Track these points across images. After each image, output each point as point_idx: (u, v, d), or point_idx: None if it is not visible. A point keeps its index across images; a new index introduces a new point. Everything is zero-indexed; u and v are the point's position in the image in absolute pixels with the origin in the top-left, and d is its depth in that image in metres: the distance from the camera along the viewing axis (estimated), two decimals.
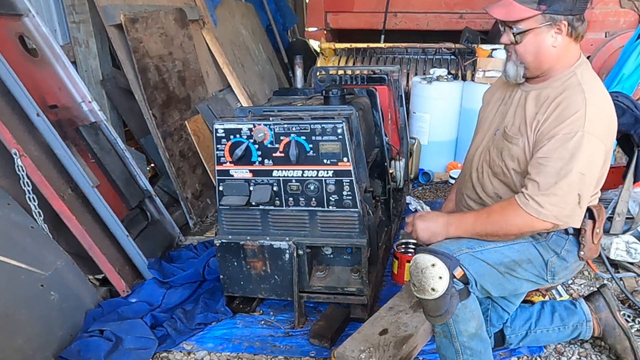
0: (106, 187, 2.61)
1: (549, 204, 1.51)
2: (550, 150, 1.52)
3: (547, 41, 1.56)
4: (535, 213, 1.52)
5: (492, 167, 1.73)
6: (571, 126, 1.49)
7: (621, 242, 2.52)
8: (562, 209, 1.51)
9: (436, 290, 1.49)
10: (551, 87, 1.61)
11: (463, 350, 1.61)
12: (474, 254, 1.58)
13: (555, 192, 1.50)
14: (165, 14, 3.43)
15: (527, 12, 1.53)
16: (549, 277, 1.70)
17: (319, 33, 5.77)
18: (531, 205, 1.53)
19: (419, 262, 1.53)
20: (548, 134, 1.53)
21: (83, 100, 2.75)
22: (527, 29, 1.55)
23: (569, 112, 1.51)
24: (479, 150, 1.82)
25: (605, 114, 1.56)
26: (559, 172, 1.49)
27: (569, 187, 1.50)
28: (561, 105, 1.54)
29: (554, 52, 1.59)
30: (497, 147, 1.71)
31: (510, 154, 1.65)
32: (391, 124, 3.00)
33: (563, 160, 1.49)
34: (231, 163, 2.02)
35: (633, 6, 4.54)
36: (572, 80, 1.58)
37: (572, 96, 1.54)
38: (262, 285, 2.17)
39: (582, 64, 1.63)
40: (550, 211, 1.51)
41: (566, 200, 1.51)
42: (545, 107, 1.58)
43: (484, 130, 1.83)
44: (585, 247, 1.68)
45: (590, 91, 1.54)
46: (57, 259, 2.12)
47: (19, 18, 2.56)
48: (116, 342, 2.01)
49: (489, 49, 4.30)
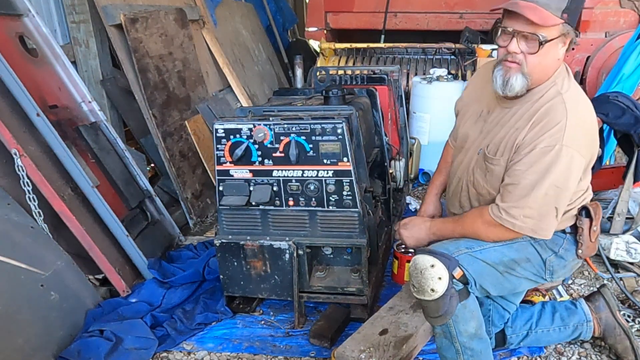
0: (106, 187, 2.61)
1: (523, 216, 1.52)
2: (527, 162, 1.52)
3: (556, 53, 1.53)
4: (510, 225, 1.54)
5: (477, 188, 1.73)
6: (550, 139, 1.49)
7: (621, 242, 2.52)
8: (537, 221, 1.53)
9: (436, 291, 1.49)
10: (531, 100, 1.58)
11: (463, 351, 1.61)
12: (473, 254, 1.59)
13: (530, 204, 1.51)
14: (165, 14, 3.43)
15: (555, 19, 1.46)
16: (548, 276, 1.70)
17: (319, 33, 5.77)
18: (505, 218, 1.54)
19: (418, 263, 1.53)
20: (528, 147, 1.53)
21: (83, 100, 2.75)
22: (550, 38, 1.48)
23: (549, 125, 1.50)
24: (462, 167, 1.81)
25: (585, 126, 1.55)
26: (534, 185, 1.50)
27: (544, 199, 1.50)
28: (542, 119, 1.52)
29: (555, 65, 1.56)
30: (480, 167, 1.70)
31: (493, 176, 1.65)
32: (391, 124, 3.00)
33: (539, 173, 1.49)
34: (231, 163, 2.02)
35: (633, 6, 4.53)
36: (552, 91, 1.56)
37: (553, 108, 1.52)
38: (262, 285, 2.17)
39: (561, 73, 1.59)
40: (525, 223, 1.53)
41: (541, 213, 1.52)
42: (525, 120, 1.56)
43: (467, 147, 1.80)
44: (583, 246, 1.69)
45: (570, 101, 1.53)
46: (57, 259, 2.12)
47: (19, 18, 2.56)
48: (116, 342, 2.01)
49: (489, 49, 4.30)
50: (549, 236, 1.58)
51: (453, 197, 1.89)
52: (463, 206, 1.82)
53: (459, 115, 1.94)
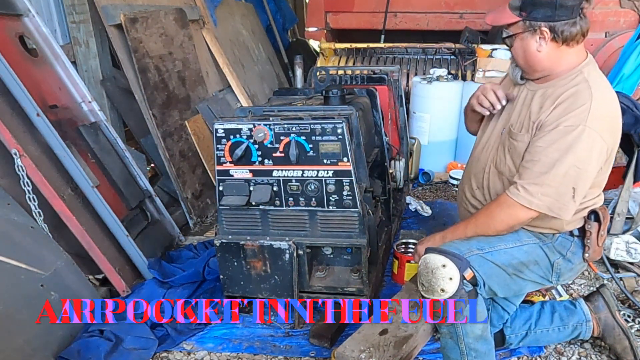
0: (106, 187, 2.61)
1: (541, 194, 1.51)
2: (549, 140, 1.52)
3: (532, 46, 1.60)
4: (527, 203, 1.52)
5: (498, 166, 1.73)
6: (574, 119, 1.50)
7: (621, 242, 2.52)
8: (555, 200, 1.52)
9: (446, 291, 1.48)
10: (557, 85, 1.62)
11: (468, 352, 1.60)
12: (484, 256, 1.58)
13: (548, 182, 1.50)
14: (165, 14, 3.43)
15: (510, 18, 1.60)
16: (554, 278, 1.70)
17: (319, 33, 5.77)
18: (522, 195, 1.53)
19: (429, 262, 1.52)
20: (550, 125, 1.54)
21: (83, 100, 2.75)
22: (512, 33, 1.62)
23: (574, 105, 1.52)
24: (486, 149, 1.82)
25: (610, 111, 1.57)
26: (554, 162, 1.50)
27: (563, 179, 1.50)
28: (567, 100, 1.55)
29: (541, 57, 1.61)
30: (504, 145, 1.72)
31: (516, 152, 1.66)
32: (391, 124, 2.99)
33: (560, 151, 1.50)
34: (231, 163, 2.02)
35: (633, 6, 4.54)
36: (578, 78, 1.59)
37: (579, 92, 1.55)
38: (262, 285, 2.17)
39: (589, 63, 1.64)
40: (542, 201, 1.52)
41: (559, 192, 1.51)
42: (551, 102, 1.59)
43: (489, 131, 1.83)
44: (590, 249, 1.68)
45: (596, 88, 1.55)
46: (57, 259, 2.12)
47: (19, 18, 2.56)
48: (116, 342, 2.01)
49: (488, 49, 4.30)
50: (566, 216, 1.56)
51: (468, 177, 1.89)
52: (479, 186, 1.82)
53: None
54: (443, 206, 3.49)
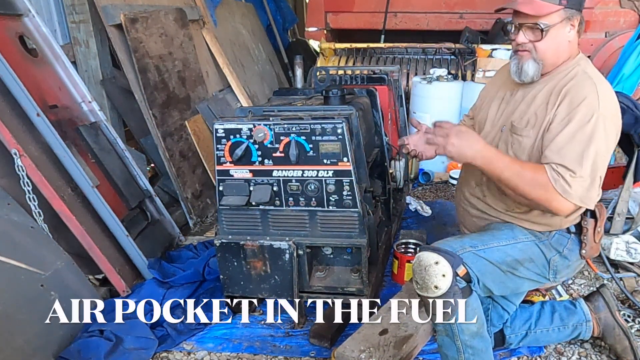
0: (106, 187, 2.61)
1: (576, 185, 1.51)
2: (569, 133, 1.53)
3: (564, 36, 1.61)
4: (562, 191, 1.52)
5: None
6: (586, 109, 1.52)
7: (621, 242, 2.52)
8: (587, 190, 1.53)
9: (439, 288, 1.49)
10: (556, 78, 1.64)
11: (464, 349, 1.61)
12: (477, 253, 1.59)
13: (581, 174, 1.51)
14: (165, 14, 3.43)
15: (552, 7, 1.57)
16: (551, 276, 1.71)
17: (319, 33, 5.77)
18: (561, 183, 1.52)
19: (422, 260, 1.53)
20: (564, 119, 1.55)
21: (83, 100, 2.75)
22: (552, 24, 1.58)
23: (581, 96, 1.54)
24: None
25: (612, 97, 1.60)
26: (581, 154, 1.51)
27: (592, 168, 1.52)
28: (571, 91, 1.57)
29: (568, 47, 1.64)
30: (505, 142, 1.72)
31: (520, 147, 1.66)
32: (391, 124, 2.99)
33: (583, 143, 1.51)
34: (231, 163, 2.02)
35: (633, 6, 4.54)
36: (577, 70, 1.62)
37: (581, 83, 1.58)
38: (262, 285, 2.17)
39: (583, 57, 1.68)
40: (576, 192, 1.52)
41: (590, 183, 1.53)
42: (555, 96, 1.61)
43: (487, 130, 1.83)
44: (587, 246, 1.69)
45: (596, 77, 1.59)
46: (57, 259, 2.12)
47: (19, 18, 2.56)
48: (116, 342, 2.01)
49: (488, 49, 4.30)
50: (592, 206, 1.58)
51: (466, 176, 1.90)
52: (479, 183, 1.82)
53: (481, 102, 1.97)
54: (443, 206, 3.49)
